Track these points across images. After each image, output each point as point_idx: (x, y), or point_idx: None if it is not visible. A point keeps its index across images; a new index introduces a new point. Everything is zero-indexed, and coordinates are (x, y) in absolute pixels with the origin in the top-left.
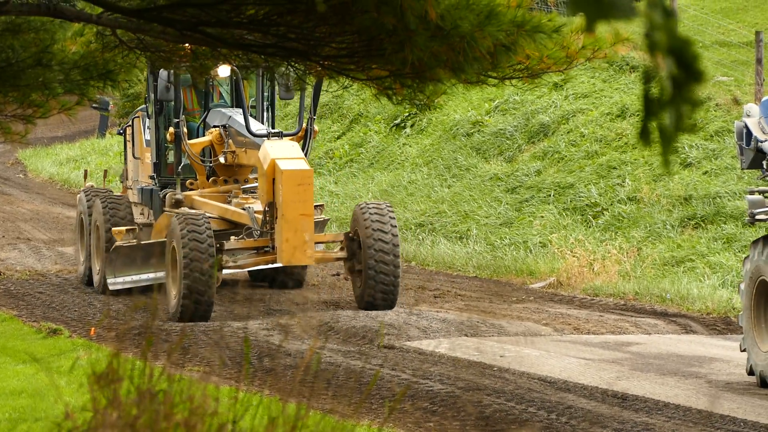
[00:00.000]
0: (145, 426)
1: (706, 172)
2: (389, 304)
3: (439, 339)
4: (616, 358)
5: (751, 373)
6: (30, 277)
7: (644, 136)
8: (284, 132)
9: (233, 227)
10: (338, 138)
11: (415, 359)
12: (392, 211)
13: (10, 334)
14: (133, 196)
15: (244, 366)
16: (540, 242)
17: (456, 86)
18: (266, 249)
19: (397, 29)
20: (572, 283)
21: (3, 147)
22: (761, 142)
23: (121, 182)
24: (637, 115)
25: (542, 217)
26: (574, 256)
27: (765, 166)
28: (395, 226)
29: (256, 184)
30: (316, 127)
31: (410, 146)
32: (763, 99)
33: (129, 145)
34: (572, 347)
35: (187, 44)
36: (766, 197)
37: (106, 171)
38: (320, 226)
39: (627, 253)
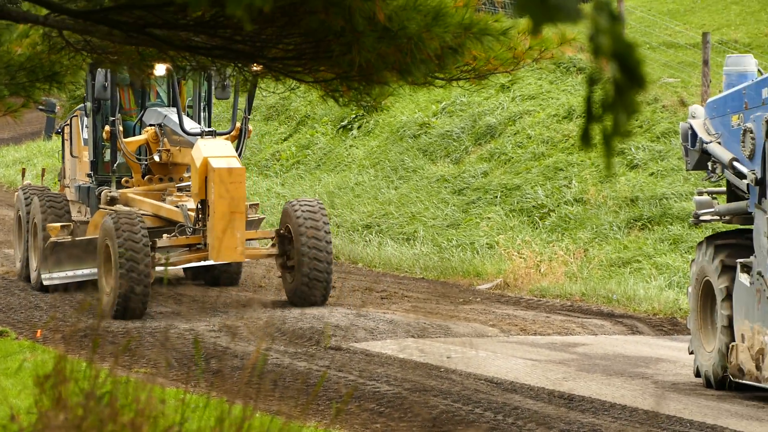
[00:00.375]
0: (91, 428)
1: (652, 174)
2: (323, 298)
3: (386, 340)
4: (563, 358)
5: (698, 374)
6: None
7: (585, 139)
8: (218, 131)
9: (168, 225)
10: (285, 140)
11: (362, 360)
12: (323, 208)
13: None
14: (71, 194)
15: (191, 368)
16: (487, 243)
17: (403, 87)
18: (198, 246)
19: (345, 31)
20: (519, 284)
21: None
22: (706, 143)
23: (59, 180)
24: (583, 116)
25: (489, 218)
26: (521, 258)
27: (710, 168)
28: (327, 223)
29: (190, 183)
30: (250, 127)
31: (357, 148)
32: (708, 101)
33: (67, 143)
34: (519, 348)
35: (133, 46)
36: (713, 198)
37: (44, 169)
38: (255, 224)
39: (574, 254)
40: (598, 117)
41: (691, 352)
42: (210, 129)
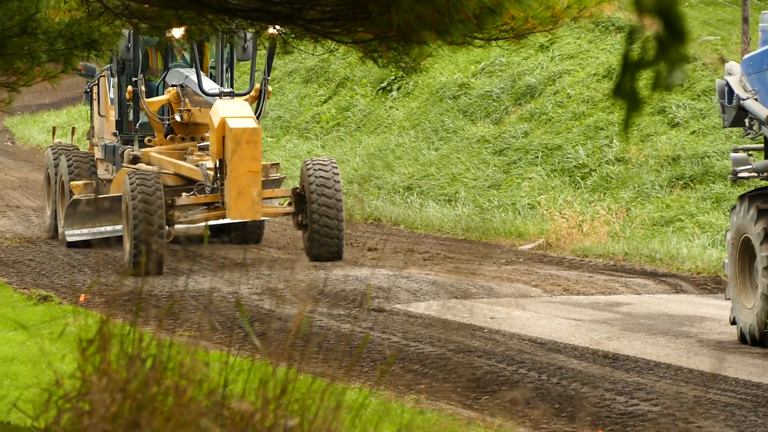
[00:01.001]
0: (135, 391)
1: (693, 132)
2: (334, 256)
3: (429, 301)
4: (607, 318)
5: (733, 322)
6: (19, 244)
7: (618, 93)
8: (236, 92)
9: (188, 183)
10: (324, 102)
11: (405, 322)
12: (336, 167)
13: (1, 302)
14: (99, 153)
15: (234, 331)
16: (528, 204)
17: (442, 48)
18: (216, 204)
19: None
20: (561, 245)
21: None
22: (743, 100)
23: (88, 139)
24: (620, 72)
25: (530, 178)
26: (562, 218)
27: (747, 124)
28: (339, 182)
29: (207, 143)
30: (269, 88)
31: (397, 109)
32: (745, 57)
33: (95, 103)
34: (562, 308)
35: (172, 10)
36: (749, 155)
37: (73, 128)
38: (276, 183)
39: (616, 213)
40: (635, 72)
41: (733, 322)
42: (228, 90)
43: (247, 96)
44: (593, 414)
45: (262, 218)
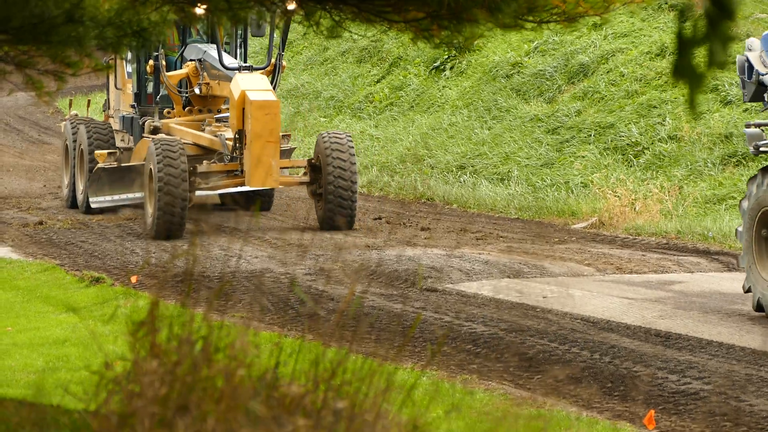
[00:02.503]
0: (185, 374)
1: (746, 110)
2: (348, 223)
3: (481, 281)
4: (659, 297)
5: (758, 308)
6: (72, 225)
7: (678, 72)
8: (254, 66)
9: (206, 153)
10: (378, 82)
11: (457, 302)
12: (351, 140)
13: (53, 284)
14: (115, 124)
15: (286, 312)
16: (581, 182)
17: (494, 30)
18: (236, 173)
19: None
20: (614, 223)
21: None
22: (762, 75)
23: (104, 111)
24: (675, 53)
25: (583, 157)
26: (615, 196)
27: (766, 99)
28: (353, 154)
29: (227, 114)
30: (284, 62)
31: (450, 89)
32: (765, 33)
33: (111, 76)
34: (615, 287)
35: None
36: (763, 130)
37: (89, 100)
38: (287, 153)
39: (668, 191)
40: (689, 46)
41: (747, 290)
42: (247, 64)
43: (265, 70)
44: (645, 393)
45: (279, 187)
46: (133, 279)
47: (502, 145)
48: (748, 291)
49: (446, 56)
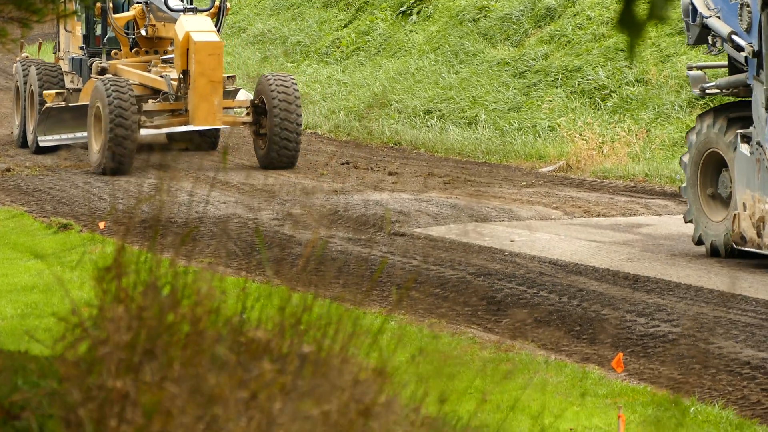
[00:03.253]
0: (151, 319)
1: (711, 52)
2: (290, 163)
3: (449, 225)
4: (627, 240)
5: (699, 242)
6: (39, 172)
7: (621, 23)
8: (198, 8)
9: (153, 94)
10: (344, 27)
11: (425, 246)
12: (295, 83)
13: (21, 230)
14: (65, 66)
15: (253, 257)
16: (549, 126)
17: None
18: (180, 112)
19: None
20: (582, 166)
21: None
22: (706, 18)
23: (54, 53)
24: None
25: (550, 101)
26: (583, 140)
27: (710, 42)
28: (298, 97)
29: (173, 56)
30: (228, 5)
31: (417, 33)
32: None
33: (62, 19)
34: (582, 230)
35: None
36: (705, 72)
37: (40, 43)
38: (232, 94)
39: (636, 135)
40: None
41: (689, 221)
42: (191, 6)
43: (209, 12)
44: (614, 336)
45: (223, 127)
46: (101, 225)
47: (469, 90)
48: (698, 243)
49: (413, 1)
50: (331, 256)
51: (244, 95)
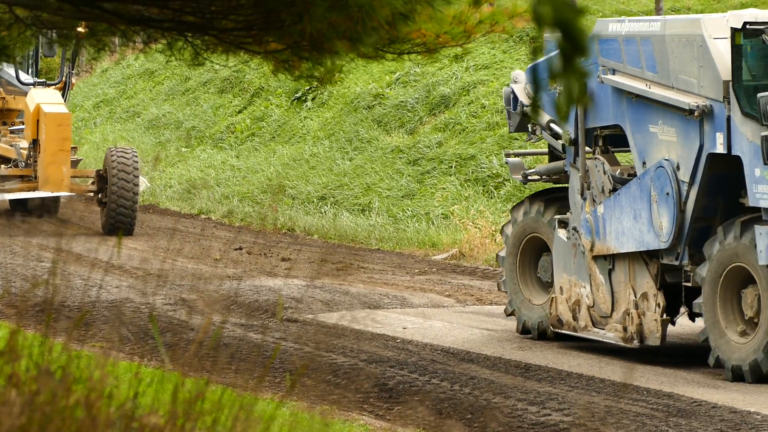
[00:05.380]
0: (44, 403)
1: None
2: (128, 230)
3: (341, 311)
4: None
5: (524, 331)
6: None
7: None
8: (48, 82)
9: (2, 162)
10: (239, 112)
11: (317, 332)
12: (136, 155)
13: None
14: None
15: (147, 342)
16: (442, 214)
17: (355, 60)
18: (29, 178)
19: (295, 1)
20: (474, 254)
21: None
22: (526, 106)
23: None
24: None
25: (444, 188)
26: (476, 227)
27: (530, 129)
28: (137, 168)
29: (22, 126)
30: (73, 80)
31: (312, 119)
32: (529, 66)
33: None
34: (475, 318)
35: (84, 21)
36: (523, 159)
37: None
38: (74, 164)
39: None
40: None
41: (511, 313)
42: (41, 80)
43: (56, 86)
44: (505, 424)
45: (70, 193)
46: None
47: (363, 176)
48: (510, 314)
49: (308, 87)
50: (224, 341)
51: (143, 183)
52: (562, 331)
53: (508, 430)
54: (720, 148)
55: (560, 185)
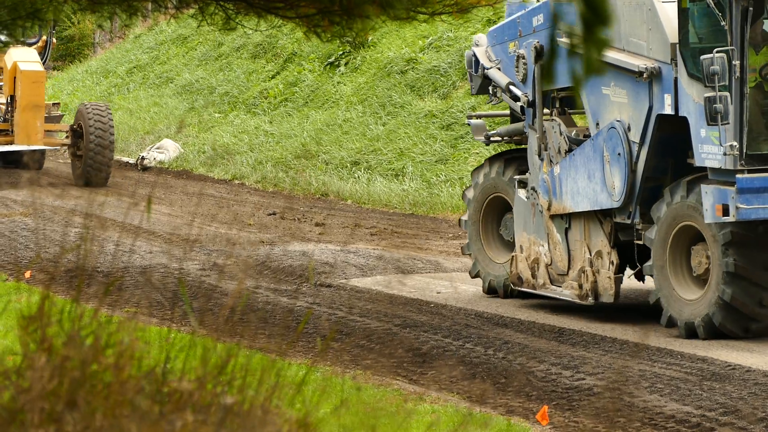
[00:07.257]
0: (74, 369)
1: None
2: (102, 182)
3: (375, 276)
4: None
5: (490, 291)
6: None
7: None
8: (27, 41)
9: None
10: (272, 77)
11: (351, 297)
12: (110, 111)
13: None
14: None
15: (178, 306)
16: None
17: (386, 23)
18: (6, 132)
19: None
20: None
21: None
22: (487, 69)
23: None
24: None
25: (477, 153)
26: None
27: (491, 92)
28: (112, 125)
29: (1, 83)
30: (54, 40)
31: (345, 84)
32: (490, 29)
33: None
34: None
35: None
36: (485, 120)
37: None
38: (56, 119)
39: None
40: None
41: (476, 275)
42: (21, 39)
43: (36, 45)
44: (539, 388)
45: (45, 147)
46: (27, 274)
47: (396, 141)
48: (476, 276)
49: (341, 52)
50: (256, 306)
51: (172, 145)
52: (522, 289)
53: (542, 394)
54: (668, 110)
55: (521, 146)
